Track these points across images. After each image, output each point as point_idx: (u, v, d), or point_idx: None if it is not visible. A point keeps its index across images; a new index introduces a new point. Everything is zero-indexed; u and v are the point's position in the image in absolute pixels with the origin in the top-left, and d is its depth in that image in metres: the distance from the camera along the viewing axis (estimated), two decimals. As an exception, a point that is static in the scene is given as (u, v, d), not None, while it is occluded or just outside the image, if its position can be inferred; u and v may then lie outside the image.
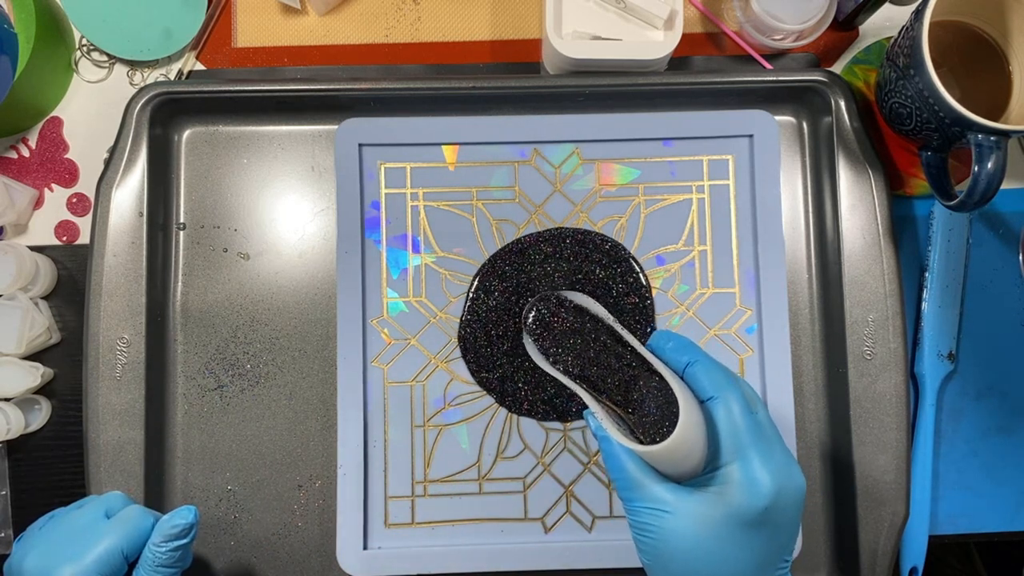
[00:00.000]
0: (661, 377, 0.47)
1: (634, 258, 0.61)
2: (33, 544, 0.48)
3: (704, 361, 0.46)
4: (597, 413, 0.47)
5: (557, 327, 0.52)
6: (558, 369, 0.51)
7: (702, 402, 0.45)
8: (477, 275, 0.60)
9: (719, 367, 0.46)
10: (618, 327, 0.51)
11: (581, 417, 0.60)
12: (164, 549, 0.48)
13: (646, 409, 0.47)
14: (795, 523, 0.45)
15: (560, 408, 0.60)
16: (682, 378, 0.47)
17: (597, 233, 0.61)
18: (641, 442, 0.46)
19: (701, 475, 0.44)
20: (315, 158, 0.62)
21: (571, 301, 0.53)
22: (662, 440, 0.43)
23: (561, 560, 0.58)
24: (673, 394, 0.45)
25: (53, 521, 0.49)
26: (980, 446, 0.63)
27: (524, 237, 0.61)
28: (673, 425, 0.43)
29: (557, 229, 0.61)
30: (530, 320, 0.52)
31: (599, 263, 0.60)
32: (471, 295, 0.60)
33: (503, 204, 0.61)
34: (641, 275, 0.60)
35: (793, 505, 0.44)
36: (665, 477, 0.44)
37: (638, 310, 0.60)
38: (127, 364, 0.58)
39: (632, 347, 0.50)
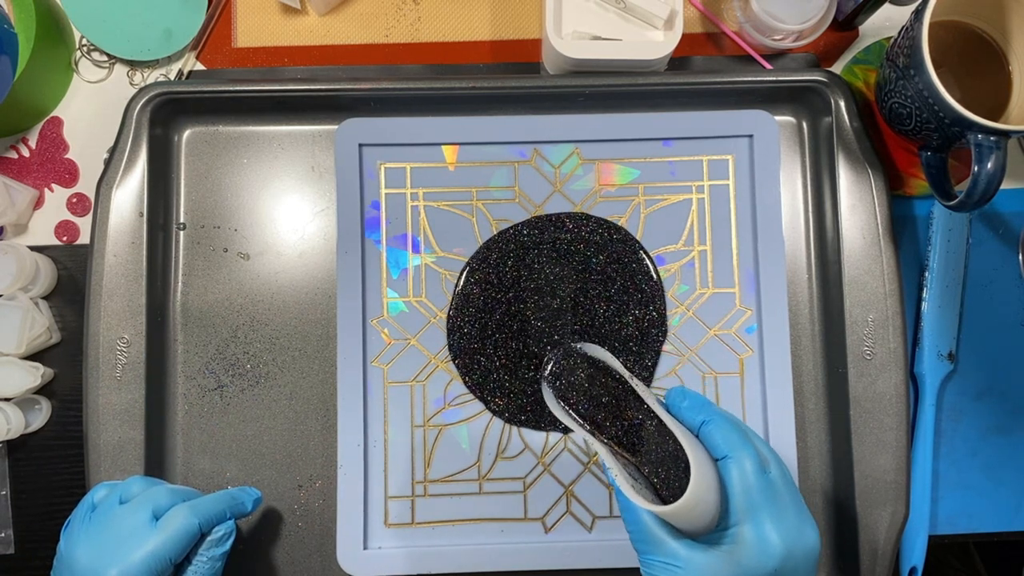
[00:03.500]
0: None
1: (639, 242, 0.61)
2: (80, 538, 0.48)
3: (718, 420, 0.46)
4: (612, 468, 0.47)
5: (575, 379, 0.52)
6: (574, 420, 0.52)
7: (716, 460, 0.45)
8: (466, 266, 0.61)
9: (733, 426, 0.46)
10: (634, 383, 0.51)
11: (560, 429, 0.60)
12: (205, 558, 0.50)
13: (660, 466, 0.47)
14: None
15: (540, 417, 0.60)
16: (697, 436, 0.47)
17: (605, 220, 0.61)
18: (658, 493, 0.47)
19: (715, 532, 0.45)
20: (315, 158, 0.62)
21: (589, 354, 0.53)
22: (674, 498, 0.44)
23: (561, 560, 0.58)
24: (685, 453, 0.45)
25: (100, 515, 0.49)
26: (980, 446, 0.63)
27: (522, 222, 0.61)
28: (685, 484, 0.44)
29: (564, 213, 0.61)
30: (548, 371, 0.53)
31: (609, 240, 0.60)
32: (459, 286, 0.60)
33: (503, 204, 0.61)
34: (649, 263, 0.60)
35: (804, 566, 0.44)
36: (679, 532, 0.45)
37: (650, 294, 0.60)
38: (127, 364, 0.58)
39: (647, 404, 0.50)
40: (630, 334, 0.60)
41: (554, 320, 0.60)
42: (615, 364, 0.52)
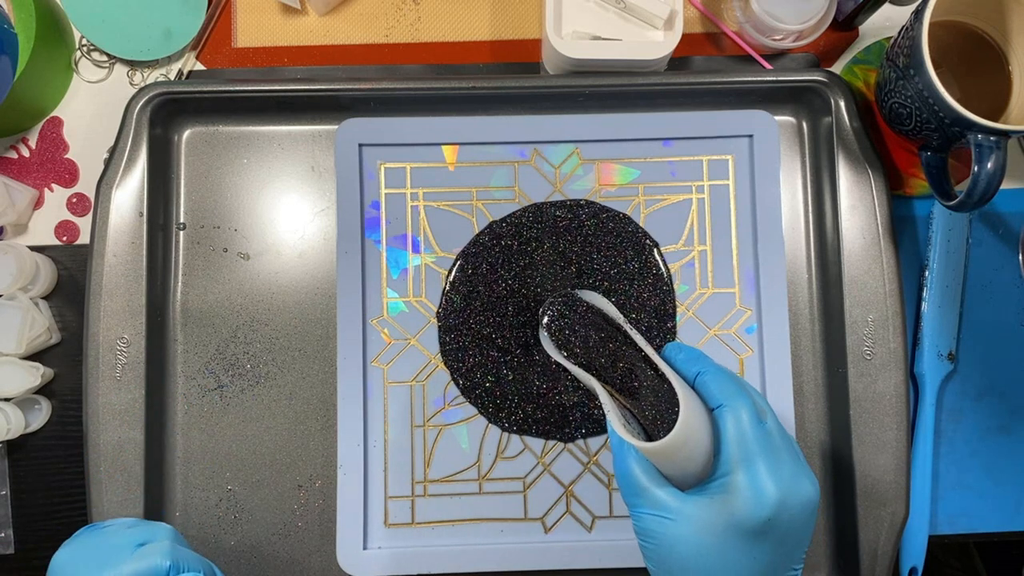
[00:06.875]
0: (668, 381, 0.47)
1: (644, 230, 0.61)
2: (68, 544, 0.47)
3: (714, 371, 0.46)
4: (606, 405, 0.48)
5: (573, 322, 0.53)
6: (572, 362, 0.52)
7: (712, 410, 0.46)
8: (458, 259, 0.61)
9: (729, 377, 0.46)
10: (628, 328, 0.51)
11: (551, 437, 0.60)
12: None
13: (652, 410, 0.47)
14: (804, 533, 0.44)
15: (540, 423, 0.60)
16: (693, 387, 0.47)
17: (609, 208, 0.61)
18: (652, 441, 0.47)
19: (708, 482, 0.44)
20: (315, 158, 0.62)
21: (586, 301, 0.54)
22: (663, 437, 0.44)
23: (561, 560, 0.58)
24: (677, 396, 0.45)
25: (93, 531, 0.48)
26: (980, 446, 0.63)
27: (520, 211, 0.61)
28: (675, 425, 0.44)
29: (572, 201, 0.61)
30: (546, 316, 0.53)
31: (614, 222, 0.61)
32: (449, 278, 0.60)
33: (503, 204, 0.61)
34: (655, 252, 0.61)
35: (800, 515, 0.43)
36: (671, 483, 0.45)
37: (664, 280, 0.60)
38: (127, 364, 0.58)
39: (642, 350, 0.50)
40: (643, 316, 0.60)
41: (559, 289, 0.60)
42: (612, 311, 0.53)
